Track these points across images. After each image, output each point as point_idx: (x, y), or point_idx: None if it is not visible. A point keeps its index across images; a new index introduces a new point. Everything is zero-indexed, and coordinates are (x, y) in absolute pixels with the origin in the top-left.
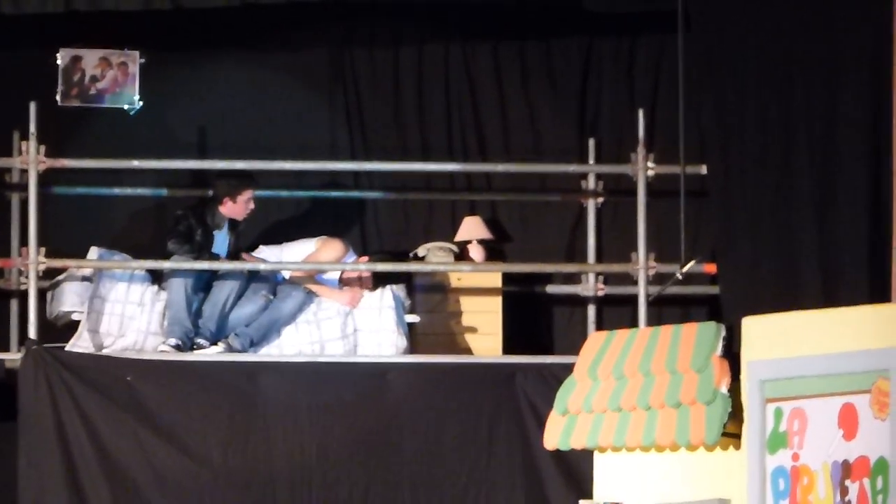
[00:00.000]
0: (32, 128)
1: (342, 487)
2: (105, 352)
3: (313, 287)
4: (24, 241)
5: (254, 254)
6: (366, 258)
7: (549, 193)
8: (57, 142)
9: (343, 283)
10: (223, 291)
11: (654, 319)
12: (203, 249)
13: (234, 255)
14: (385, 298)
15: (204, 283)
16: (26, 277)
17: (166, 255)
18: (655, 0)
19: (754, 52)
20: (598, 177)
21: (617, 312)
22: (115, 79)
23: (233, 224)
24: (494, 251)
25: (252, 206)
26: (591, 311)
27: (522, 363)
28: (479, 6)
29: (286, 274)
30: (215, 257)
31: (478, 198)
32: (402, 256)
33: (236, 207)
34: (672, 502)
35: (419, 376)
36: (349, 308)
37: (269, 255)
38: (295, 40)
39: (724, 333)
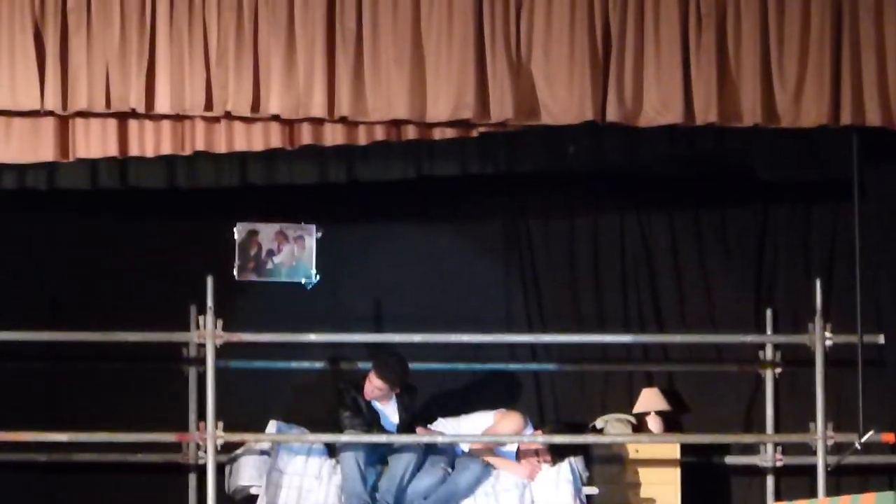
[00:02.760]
0: (210, 302)
1: None
2: None
3: (492, 459)
4: (201, 415)
5: (431, 426)
6: (543, 431)
7: (726, 363)
8: (233, 315)
9: (521, 455)
10: (400, 464)
11: (833, 489)
12: (374, 423)
13: (408, 427)
14: (562, 471)
15: (379, 456)
16: (204, 452)
17: (341, 429)
18: (829, 168)
19: None
20: (776, 346)
21: (796, 482)
22: (292, 252)
23: (401, 398)
24: (672, 422)
25: (373, 389)
26: (770, 481)
27: None
28: (654, 176)
29: (464, 446)
30: (385, 430)
31: (655, 368)
32: (580, 428)
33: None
34: None
35: None
36: (527, 481)
37: (447, 428)
38: (469, 211)
39: None
